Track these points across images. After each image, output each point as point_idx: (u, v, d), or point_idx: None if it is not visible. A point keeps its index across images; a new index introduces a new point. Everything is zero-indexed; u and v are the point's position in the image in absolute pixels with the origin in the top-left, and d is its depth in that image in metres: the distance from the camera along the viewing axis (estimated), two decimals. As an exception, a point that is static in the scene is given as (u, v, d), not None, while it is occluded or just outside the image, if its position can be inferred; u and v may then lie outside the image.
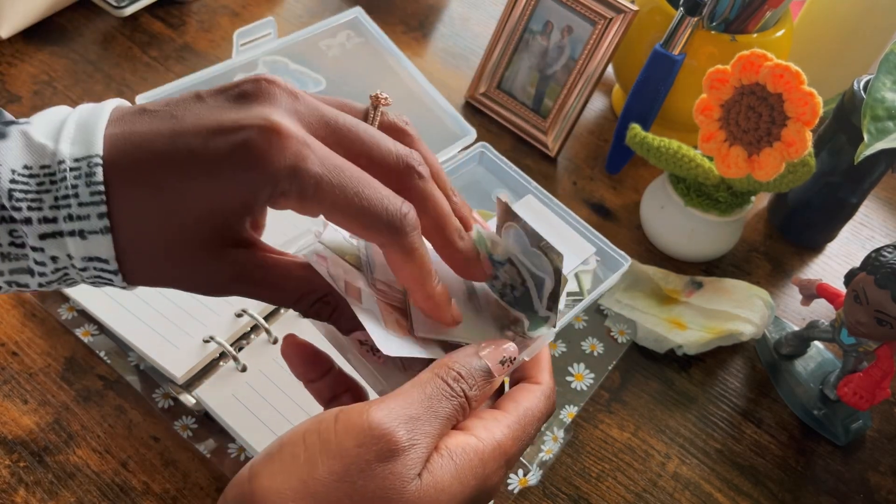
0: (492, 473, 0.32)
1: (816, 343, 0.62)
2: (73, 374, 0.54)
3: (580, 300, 0.47)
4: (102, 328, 0.56)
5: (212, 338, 0.53)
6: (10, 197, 0.29)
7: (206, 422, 0.52)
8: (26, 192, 0.29)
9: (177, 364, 0.53)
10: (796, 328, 0.62)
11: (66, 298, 0.57)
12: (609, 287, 0.46)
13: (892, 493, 0.56)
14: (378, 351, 0.34)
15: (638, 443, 0.56)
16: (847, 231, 0.72)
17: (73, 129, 0.30)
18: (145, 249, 0.31)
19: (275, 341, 0.54)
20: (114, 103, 0.32)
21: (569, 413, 0.56)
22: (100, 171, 0.29)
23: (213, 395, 0.52)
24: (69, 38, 0.76)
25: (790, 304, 0.66)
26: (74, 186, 0.29)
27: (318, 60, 0.72)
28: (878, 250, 0.51)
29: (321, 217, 0.31)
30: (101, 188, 0.29)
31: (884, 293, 0.49)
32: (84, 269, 0.31)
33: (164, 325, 0.55)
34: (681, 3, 0.64)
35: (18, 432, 0.51)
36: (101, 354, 0.55)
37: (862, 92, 0.60)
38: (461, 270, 0.36)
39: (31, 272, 0.31)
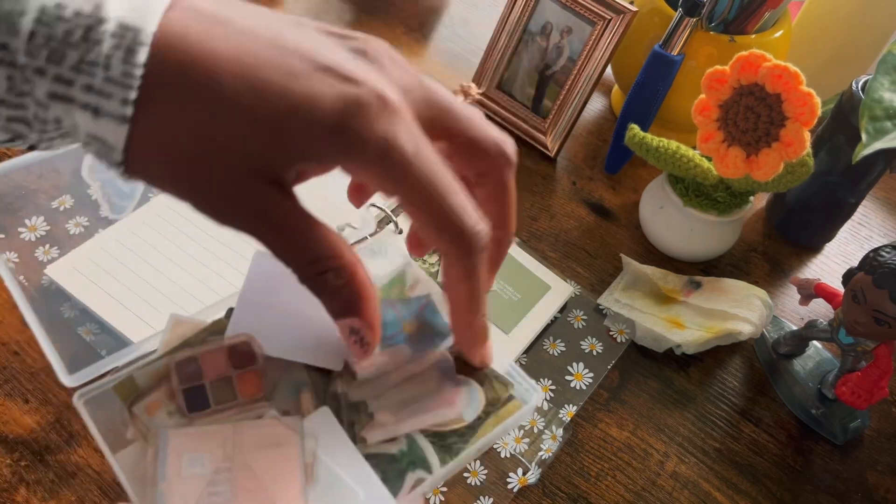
0: None
1: (815, 342, 0.62)
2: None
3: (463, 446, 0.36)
4: (104, 327, 0.56)
5: (212, 337, 0.54)
6: (31, 38, 0.24)
7: (207, 421, 0.52)
8: (49, 38, 0.24)
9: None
10: (795, 328, 0.62)
11: (67, 298, 0.57)
12: (504, 431, 0.37)
13: (891, 492, 0.56)
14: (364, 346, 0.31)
15: (637, 442, 0.56)
16: (845, 231, 0.72)
17: None
18: (165, 153, 0.26)
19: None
20: None
21: (568, 412, 0.56)
22: (144, 52, 0.24)
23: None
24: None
25: (789, 304, 0.67)
26: (108, 56, 0.24)
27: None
28: (876, 250, 0.52)
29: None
30: (139, 71, 0.24)
31: (882, 293, 0.50)
32: (87, 144, 0.27)
33: (164, 323, 0.55)
34: (680, 3, 0.64)
35: (20, 431, 0.51)
36: (103, 353, 0.55)
37: (860, 92, 0.60)
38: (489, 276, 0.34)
39: (28, 124, 0.27)
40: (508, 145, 0.31)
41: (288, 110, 0.26)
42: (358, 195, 0.37)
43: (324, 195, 0.51)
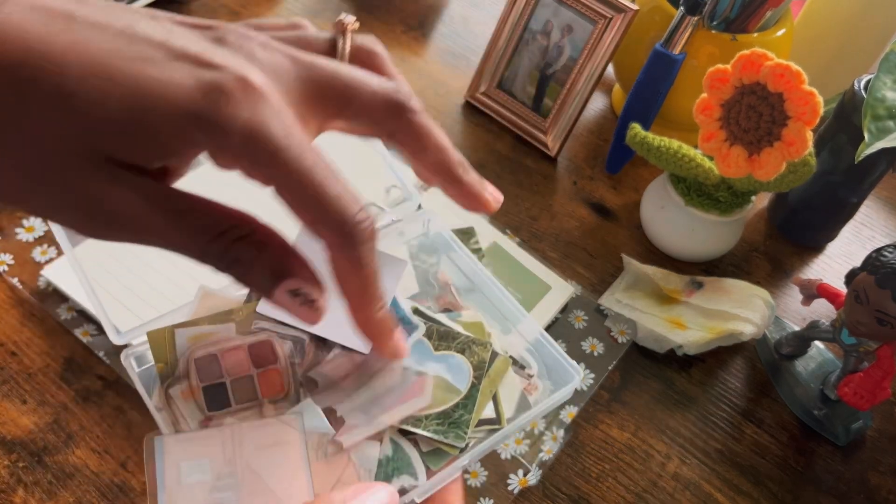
0: None
1: (817, 343, 0.62)
2: (72, 375, 0.54)
3: (496, 429, 0.36)
4: (101, 328, 0.56)
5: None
6: None
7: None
8: None
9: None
10: (797, 328, 0.62)
11: (65, 299, 0.57)
12: (547, 411, 0.36)
13: (893, 493, 0.56)
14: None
15: (638, 443, 0.56)
16: (848, 231, 0.72)
17: None
18: (6, 162, 0.24)
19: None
20: None
21: (569, 413, 0.56)
22: None
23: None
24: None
25: (791, 304, 0.66)
26: None
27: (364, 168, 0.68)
28: (878, 250, 0.51)
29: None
30: None
31: (884, 293, 0.49)
32: None
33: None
34: (681, 2, 0.64)
35: (17, 432, 0.51)
36: (101, 354, 0.55)
37: (862, 91, 0.60)
38: (472, 202, 0.31)
39: None
40: (402, 93, 0.28)
41: (141, 99, 0.24)
42: None
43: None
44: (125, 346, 0.35)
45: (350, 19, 0.30)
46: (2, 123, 0.23)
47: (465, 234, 0.61)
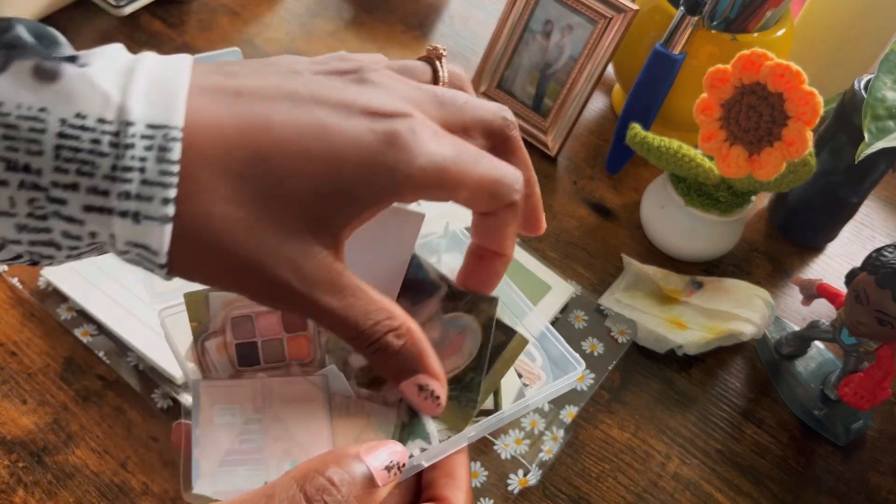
0: None
1: (817, 343, 0.62)
2: (72, 375, 0.54)
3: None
4: (101, 328, 0.56)
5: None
6: (57, 155, 0.23)
7: (206, 422, 0.52)
8: (77, 150, 0.23)
9: (176, 364, 0.53)
10: (797, 328, 0.62)
11: (65, 299, 0.57)
12: (551, 397, 0.37)
13: (893, 494, 0.56)
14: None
15: (638, 443, 0.56)
16: (848, 231, 0.72)
17: (146, 83, 0.25)
18: (211, 248, 0.26)
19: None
20: (188, 60, 0.26)
21: (569, 413, 0.56)
22: (177, 147, 0.24)
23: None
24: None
25: (791, 304, 0.66)
26: (142, 159, 0.24)
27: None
28: (878, 250, 0.51)
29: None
30: (175, 168, 0.24)
31: (884, 293, 0.49)
32: (125, 252, 0.26)
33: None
34: (681, 2, 0.64)
35: (17, 432, 0.51)
36: (101, 354, 0.55)
37: (862, 91, 0.60)
38: (532, 222, 0.35)
39: (56, 245, 0.25)
40: (504, 111, 0.32)
41: (336, 162, 0.26)
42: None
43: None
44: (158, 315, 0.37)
45: (441, 47, 0.34)
46: (207, 210, 0.25)
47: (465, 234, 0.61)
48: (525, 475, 0.53)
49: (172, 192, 0.24)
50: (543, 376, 0.39)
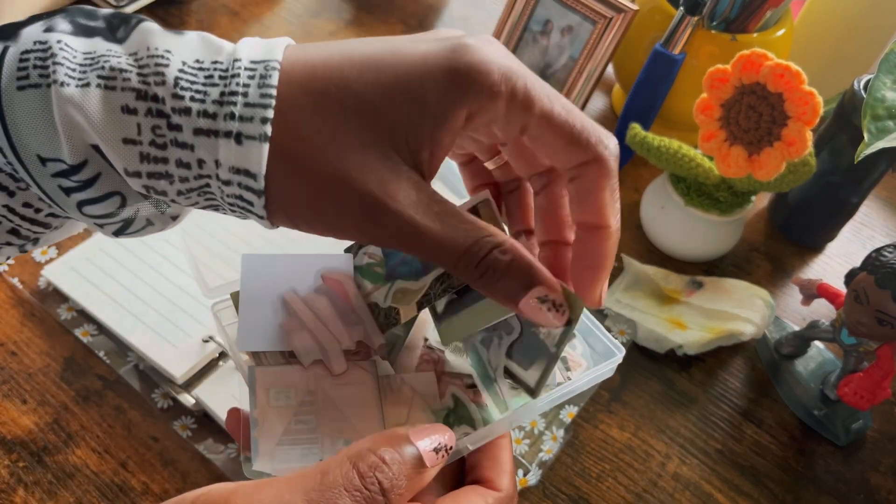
0: None
1: (817, 343, 0.62)
2: (72, 374, 0.54)
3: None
4: (101, 328, 0.56)
5: (211, 338, 0.53)
6: (176, 84, 0.27)
7: (206, 422, 0.52)
8: (192, 82, 0.27)
9: (176, 364, 0.53)
10: (797, 328, 0.62)
11: (65, 299, 0.57)
12: (591, 384, 0.38)
13: (893, 493, 0.56)
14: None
15: (638, 443, 0.56)
16: (847, 231, 0.72)
17: (253, 42, 0.29)
18: (299, 158, 0.27)
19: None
20: (288, 38, 0.30)
21: (569, 413, 0.56)
22: (276, 74, 0.27)
23: (213, 395, 0.52)
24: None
25: (791, 304, 0.66)
26: (245, 85, 0.27)
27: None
28: (878, 250, 0.51)
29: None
30: (273, 91, 0.27)
31: (884, 293, 0.49)
32: (227, 183, 0.27)
33: (163, 325, 0.54)
34: (681, 2, 0.64)
35: (17, 432, 0.51)
36: (101, 354, 0.55)
37: (862, 91, 0.60)
38: (592, 282, 0.32)
39: (169, 178, 0.28)
40: (610, 139, 0.32)
41: (405, 70, 0.27)
42: (473, 175, 0.37)
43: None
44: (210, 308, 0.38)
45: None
46: (299, 128, 0.27)
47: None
48: (525, 475, 0.53)
49: (270, 113, 0.27)
50: (584, 363, 0.39)
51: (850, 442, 0.58)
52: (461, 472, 0.34)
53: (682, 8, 0.64)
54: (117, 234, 0.31)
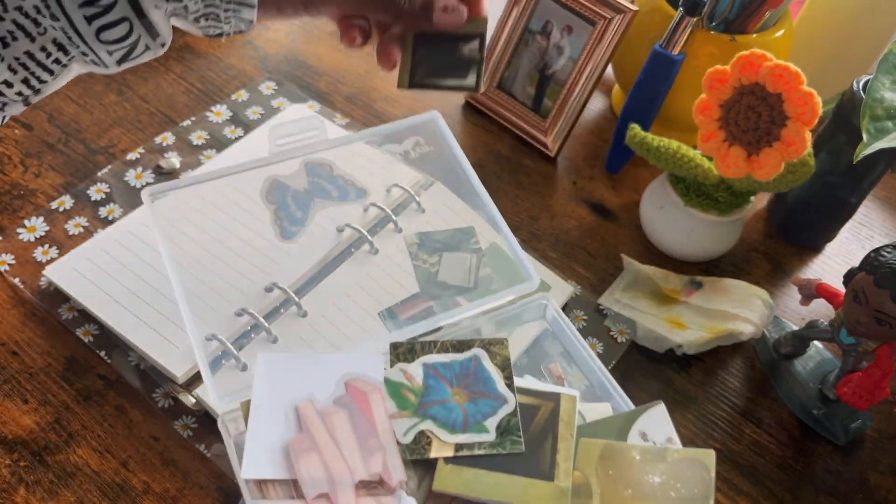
0: None
1: (816, 343, 0.62)
2: (73, 374, 0.54)
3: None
4: (102, 328, 0.56)
5: (213, 336, 0.53)
6: None
7: (207, 421, 0.52)
8: None
9: (177, 363, 0.53)
10: (796, 328, 0.62)
11: (66, 298, 0.57)
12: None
13: (892, 493, 0.56)
14: None
15: (638, 442, 0.56)
16: (846, 231, 0.72)
17: None
18: None
19: (275, 340, 0.54)
20: None
21: (568, 413, 0.56)
22: None
23: (212, 395, 0.52)
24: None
25: (790, 304, 0.66)
26: None
27: (370, 168, 0.64)
28: (877, 250, 0.51)
29: None
30: None
31: (883, 293, 0.50)
32: None
33: (164, 324, 0.55)
34: (681, 3, 0.64)
35: (19, 432, 0.51)
36: (102, 354, 0.55)
37: (861, 92, 0.60)
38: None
39: None
40: None
41: None
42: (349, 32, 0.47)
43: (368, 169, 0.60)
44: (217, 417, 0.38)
45: None
46: None
47: (465, 234, 0.61)
48: (525, 474, 0.53)
49: None
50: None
51: (848, 441, 0.58)
52: None
53: (681, 8, 0.64)
54: (121, 61, 0.36)
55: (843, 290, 0.55)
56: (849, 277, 0.53)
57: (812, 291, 0.59)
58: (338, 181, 0.63)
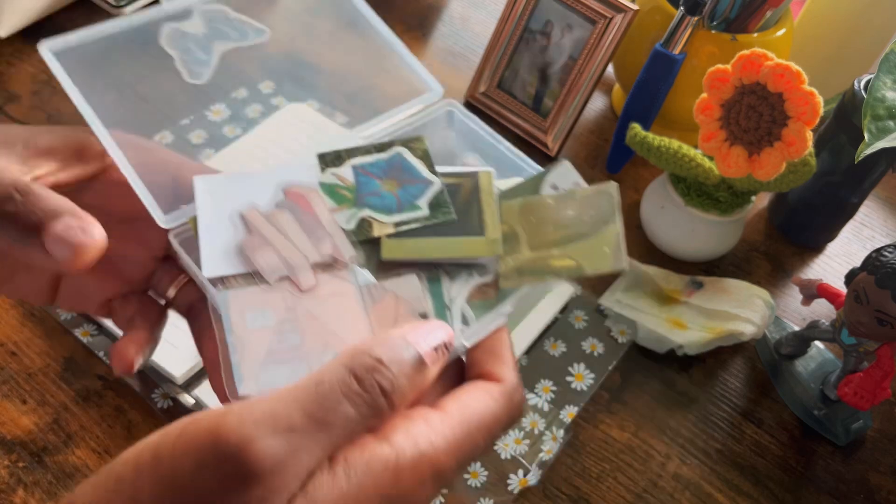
0: (408, 493, 0.24)
1: (817, 343, 0.62)
2: (72, 375, 0.54)
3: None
4: (101, 328, 0.56)
5: (211, 338, 0.53)
6: None
7: (206, 422, 0.52)
8: None
9: (176, 364, 0.53)
10: (797, 328, 0.62)
11: (65, 298, 0.57)
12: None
13: (893, 494, 0.56)
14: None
15: (638, 443, 0.56)
16: (847, 231, 0.72)
17: None
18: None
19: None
20: None
21: (569, 413, 0.56)
22: None
23: (213, 395, 0.52)
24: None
25: (791, 304, 0.66)
26: None
27: (266, 10, 0.68)
28: (878, 250, 0.51)
29: None
30: None
31: (884, 293, 0.49)
32: None
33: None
34: (681, 2, 0.64)
35: (17, 432, 0.51)
36: (100, 354, 0.55)
37: (862, 91, 0.60)
38: None
39: None
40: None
41: None
42: None
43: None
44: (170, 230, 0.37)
45: None
46: None
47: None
48: (525, 475, 0.53)
49: None
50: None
51: (849, 442, 0.58)
52: (461, 372, 0.32)
53: (682, 8, 0.64)
54: None
55: (844, 290, 0.55)
56: (850, 277, 0.53)
57: (813, 292, 0.59)
58: (234, 23, 0.64)
